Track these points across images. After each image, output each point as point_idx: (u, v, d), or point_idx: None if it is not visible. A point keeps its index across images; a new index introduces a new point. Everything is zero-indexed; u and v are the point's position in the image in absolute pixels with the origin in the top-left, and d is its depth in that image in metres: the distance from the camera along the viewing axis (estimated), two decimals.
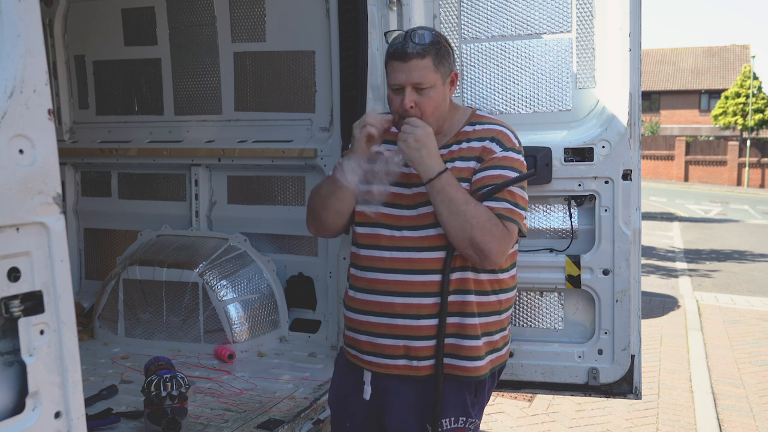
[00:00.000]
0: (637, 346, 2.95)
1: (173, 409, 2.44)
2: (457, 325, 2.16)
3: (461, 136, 2.22)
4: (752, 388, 5.83)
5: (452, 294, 2.14)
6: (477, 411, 2.26)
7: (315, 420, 2.74)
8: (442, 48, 2.14)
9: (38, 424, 1.35)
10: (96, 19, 4.18)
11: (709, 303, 9.07)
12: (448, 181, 2.08)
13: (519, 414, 5.10)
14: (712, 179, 35.71)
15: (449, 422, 2.20)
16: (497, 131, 2.21)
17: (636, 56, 2.82)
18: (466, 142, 2.20)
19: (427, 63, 2.09)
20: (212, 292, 3.53)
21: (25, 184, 1.32)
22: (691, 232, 17.16)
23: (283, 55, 3.79)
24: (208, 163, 3.97)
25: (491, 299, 2.22)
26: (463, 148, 2.20)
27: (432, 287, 2.14)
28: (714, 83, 44.30)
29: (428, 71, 2.09)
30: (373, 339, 2.22)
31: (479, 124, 2.24)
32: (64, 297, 1.40)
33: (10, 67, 1.29)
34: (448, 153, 2.19)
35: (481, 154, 2.17)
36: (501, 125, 2.25)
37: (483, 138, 2.20)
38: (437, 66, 2.11)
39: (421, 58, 2.08)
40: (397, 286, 2.16)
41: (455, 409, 2.20)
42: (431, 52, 2.09)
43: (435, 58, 2.10)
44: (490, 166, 2.15)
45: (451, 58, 2.18)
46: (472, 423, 2.24)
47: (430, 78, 2.10)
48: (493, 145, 2.18)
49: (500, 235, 2.10)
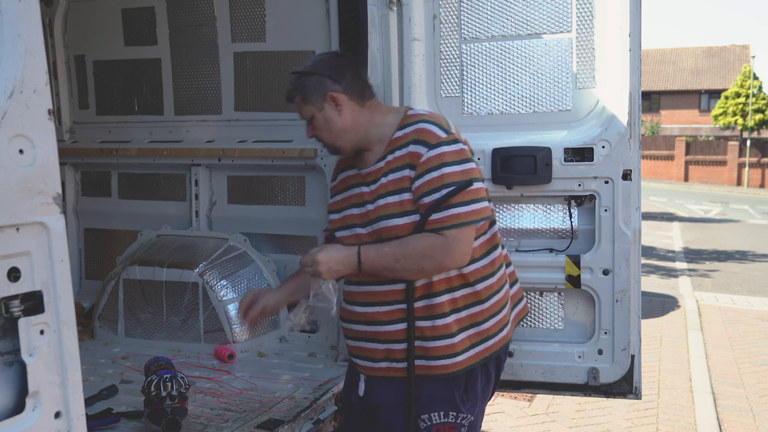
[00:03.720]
0: (637, 346, 2.95)
1: (173, 409, 2.44)
2: (427, 327, 2.24)
3: (392, 145, 2.25)
4: (752, 388, 5.83)
5: (418, 300, 2.23)
6: (470, 406, 2.29)
7: (315, 420, 2.74)
8: (308, 80, 2.26)
9: (38, 424, 1.35)
10: (96, 19, 4.18)
11: (709, 303, 9.07)
12: (370, 261, 2.20)
13: (519, 414, 5.10)
14: (712, 179, 35.71)
15: (438, 416, 2.26)
16: (418, 130, 2.21)
17: (636, 56, 2.82)
18: (397, 150, 2.23)
19: (298, 102, 2.28)
20: (212, 292, 3.53)
21: (25, 184, 1.32)
22: (691, 232, 17.16)
23: (283, 55, 3.79)
24: (208, 163, 3.97)
25: (465, 292, 2.25)
26: (394, 158, 2.23)
27: (398, 295, 2.25)
28: (714, 83, 44.29)
29: (301, 107, 2.29)
30: (358, 343, 2.37)
31: (407, 127, 2.25)
32: (64, 297, 1.40)
33: (10, 67, 1.30)
34: (385, 164, 2.24)
35: (410, 160, 2.19)
36: (423, 121, 2.24)
37: (407, 143, 2.21)
38: (304, 100, 2.27)
39: (292, 101, 2.30)
40: (366, 297, 2.30)
41: (444, 403, 2.26)
42: (296, 91, 2.28)
43: (301, 95, 2.27)
44: (424, 171, 2.16)
45: (323, 83, 2.24)
46: (464, 418, 2.27)
47: (306, 112, 2.28)
48: (417, 147, 2.18)
49: (443, 249, 2.15)
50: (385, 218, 2.21)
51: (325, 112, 2.25)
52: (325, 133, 2.28)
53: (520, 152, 2.94)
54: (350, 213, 2.33)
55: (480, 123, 3.05)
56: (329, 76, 2.25)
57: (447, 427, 2.26)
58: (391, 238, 2.20)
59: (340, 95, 2.24)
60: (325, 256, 2.22)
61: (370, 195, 2.26)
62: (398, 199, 2.19)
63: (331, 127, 2.26)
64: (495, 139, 2.98)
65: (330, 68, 2.27)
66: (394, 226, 2.19)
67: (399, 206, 2.19)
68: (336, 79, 2.25)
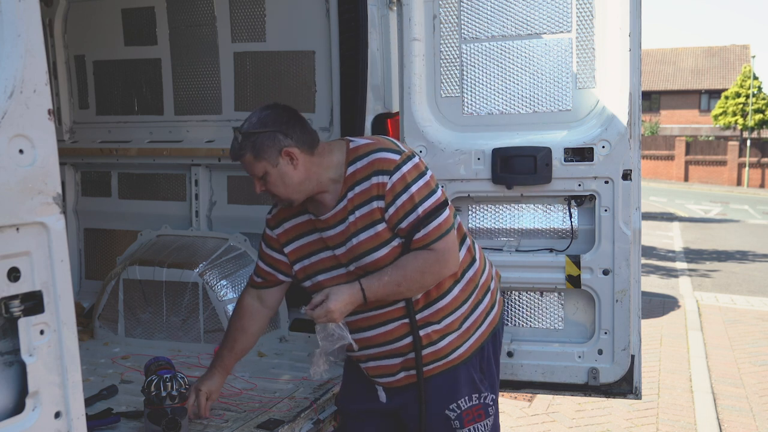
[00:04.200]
0: (637, 346, 2.95)
1: (173, 409, 2.44)
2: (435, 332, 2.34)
3: (349, 182, 2.26)
4: (752, 388, 5.83)
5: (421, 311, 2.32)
6: (488, 385, 2.42)
7: (315, 420, 2.74)
8: (259, 137, 2.20)
9: (38, 424, 1.36)
10: (96, 19, 4.18)
11: (709, 303, 9.07)
12: (374, 291, 2.23)
13: (519, 414, 5.10)
14: (712, 179, 35.70)
15: (465, 401, 2.37)
16: (374, 161, 2.24)
17: (636, 56, 2.82)
18: (357, 185, 2.25)
19: (249, 159, 2.22)
20: (212, 292, 3.53)
21: (25, 184, 1.32)
22: (691, 232, 17.16)
23: (283, 55, 3.79)
24: (208, 163, 3.97)
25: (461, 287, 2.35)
26: (356, 194, 2.24)
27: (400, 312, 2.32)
28: (714, 83, 44.29)
29: (252, 165, 2.22)
30: (374, 363, 2.43)
31: (357, 161, 2.26)
32: (64, 297, 1.40)
33: (10, 67, 1.30)
34: (348, 202, 2.25)
35: (377, 192, 2.22)
36: (374, 151, 2.26)
37: (367, 176, 2.23)
38: (257, 157, 2.21)
39: (243, 158, 2.23)
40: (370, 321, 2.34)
41: (467, 388, 2.37)
42: (246, 149, 2.21)
43: (252, 152, 2.21)
44: (393, 198, 2.21)
45: (276, 138, 2.21)
46: (486, 397, 2.40)
47: (258, 168, 2.22)
48: (380, 177, 2.22)
49: (438, 262, 2.24)
50: (366, 254, 2.25)
51: (280, 167, 2.22)
52: (280, 188, 2.24)
53: (520, 152, 2.94)
54: (319, 258, 2.35)
55: (480, 123, 3.05)
56: (280, 131, 2.22)
57: (474, 409, 2.38)
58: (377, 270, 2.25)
59: (294, 149, 2.22)
60: (336, 303, 2.21)
61: (341, 236, 2.28)
62: (372, 233, 2.23)
63: (287, 182, 2.23)
64: (495, 139, 2.98)
65: (279, 123, 2.23)
66: (378, 258, 2.24)
67: (375, 239, 2.23)
68: (287, 134, 2.23)
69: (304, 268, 2.41)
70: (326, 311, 2.20)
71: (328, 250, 2.32)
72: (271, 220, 2.48)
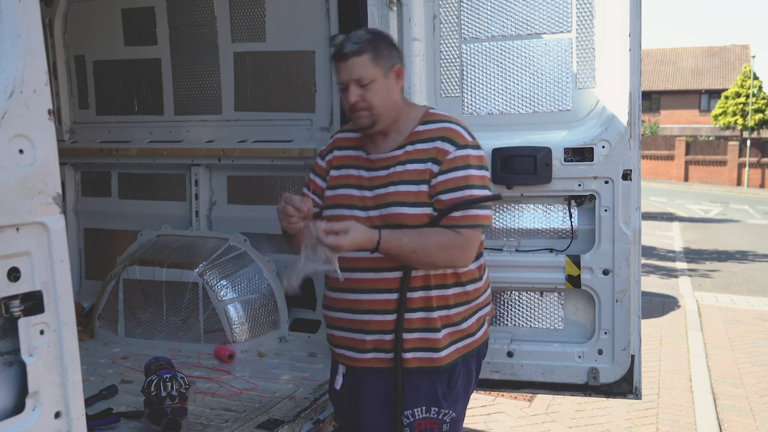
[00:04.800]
0: (637, 346, 2.95)
1: (173, 409, 2.44)
2: (423, 319, 2.25)
3: (413, 137, 2.27)
4: (752, 388, 5.83)
5: (416, 290, 2.24)
6: (451, 402, 2.31)
7: (315, 420, 2.74)
8: (381, 43, 2.22)
9: (38, 424, 1.35)
10: (96, 19, 4.18)
11: (709, 303, 9.06)
12: (387, 246, 2.14)
13: (519, 414, 5.10)
14: (712, 179, 35.69)
15: (420, 411, 2.27)
16: (447, 129, 2.26)
17: (636, 56, 2.82)
18: (419, 143, 2.25)
19: (364, 59, 2.17)
20: (212, 292, 3.53)
21: (25, 184, 1.32)
22: (691, 232, 17.15)
23: (283, 55, 3.79)
24: (208, 163, 3.97)
25: (456, 291, 2.29)
26: (416, 149, 2.25)
27: (395, 283, 2.23)
28: (714, 83, 44.27)
29: (366, 67, 2.17)
30: (346, 334, 2.33)
31: (430, 123, 2.29)
32: (64, 297, 1.40)
33: (10, 67, 1.30)
34: (404, 154, 2.25)
35: (436, 155, 2.22)
36: (450, 122, 2.29)
37: (433, 138, 2.24)
38: (375, 61, 2.18)
39: (358, 56, 2.17)
40: (362, 284, 2.25)
41: (426, 399, 2.27)
42: (368, 49, 2.17)
43: (372, 53, 2.18)
44: (450, 168, 2.20)
45: (392, 53, 2.24)
46: (446, 414, 2.29)
47: (370, 73, 2.18)
48: (445, 144, 2.22)
49: (459, 247, 2.20)
50: (397, 205, 2.21)
51: (389, 81, 2.22)
52: (377, 100, 2.20)
53: (520, 152, 2.94)
54: (347, 193, 2.31)
55: (480, 123, 3.04)
56: (396, 48, 2.26)
57: (429, 422, 2.28)
58: (397, 225, 2.18)
59: (402, 71, 2.25)
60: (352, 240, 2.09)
61: (380, 180, 2.25)
62: (415, 189, 2.20)
63: (388, 97, 2.22)
64: (495, 139, 2.98)
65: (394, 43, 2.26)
66: (404, 214, 2.19)
67: (414, 196, 2.20)
68: (400, 55, 2.26)
69: (332, 197, 2.36)
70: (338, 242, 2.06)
71: (361, 189, 2.28)
72: (323, 150, 2.46)
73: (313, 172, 2.46)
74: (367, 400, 2.33)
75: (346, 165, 2.36)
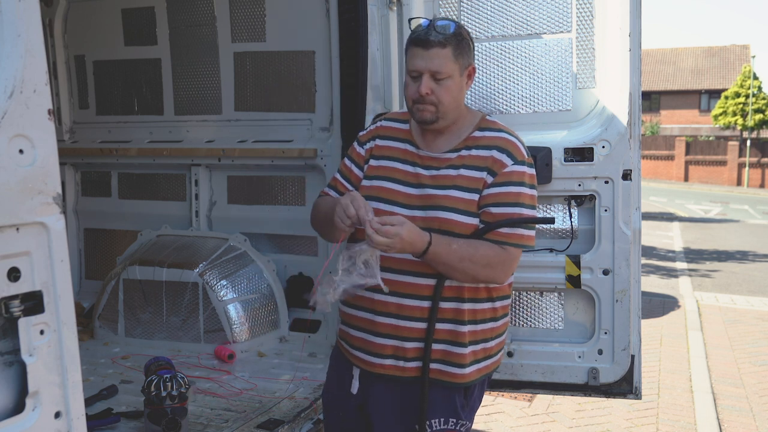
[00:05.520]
0: (637, 346, 2.95)
1: (173, 409, 2.44)
2: (450, 331, 2.17)
3: (470, 141, 2.20)
4: (752, 388, 5.83)
5: (448, 301, 2.15)
6: (467, 413, 2.27)
7: (315, 420, 2.74)
8: (464, 40, 2.14)
9: (38, 424, 1.35)
10: (96, 19, 4.18)
11: (709, 303, 9.06)
12: (437, 251, 2.05)
13: (519, 414, 5.10)
14: (712, 179, 35.70)
15: (438, 423, 2.21)
16: (506, 141, 2.19)
17: (636, 56, 2.82)
18: (475, 149, 2.18)
19: (447, 53, 2.09)
20: (212, 292, 3.53)
21: (25, 184, 1.32)
22: (691, 232, 17.15)
23: (283, 55, 3.79)
24: (208, 163, 3.97)
25: (485, 306, 2.22)
26: (471, 155, 2.17)
27: (428, 291, 2.14)
28: (714, 83, 44.27)
29: (447, 60, 2.09)
30: (365, 336, 2.23)
31: (488, 131, 2.22)
32: (64, 297, 1.40)
33: (10, 67, 1.30)
34: (457, 158, 2.18)
35: (492, 165, 2.15)
36: (509, 134, 2.22)
37: (491, 146, 2.17)
38: (456, 57, 2.11)
39: (442, 47, 2.08)
40: (392, 286, 2.13)
41: (445, 410, 2.21)
42: (452, 42, 2.09)
43: (455, 48, 2.10)
44: (504, 182, 2.14)
45: (471, 52, 2.17)
46: (462, 425, 2.24)
47: (449, 67, 2.10)
48: (503, 156, 2.16)
49: (503, 264, 2.14)
50: (447, 210, 2.12)
51: (462, 79, 2.15)
52: (447, 98, 2.12)
53: None
54: (390, 187, 2.19)
55: None
56: (473, 47, 2.19)
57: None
58: (441, 231, 2.09)
59: (474, 72, 2.20)
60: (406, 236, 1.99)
61: (429, 180, 2.17)
62: (467, 197, 2.13)
63: (456, 96, 2.15)
64: None
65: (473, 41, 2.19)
66: (453, 221, 2.11)
67: (465, 204, 2.13)
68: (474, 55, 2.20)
69: (371, 188, 2.22)
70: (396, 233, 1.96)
71: (406, 185, 2.18)
72: (362, 137, 2.34)
73: (350, 159, 2.33)
74: (379, 410, 2.25)
75: (391, 157, 2.25)
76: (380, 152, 2.28)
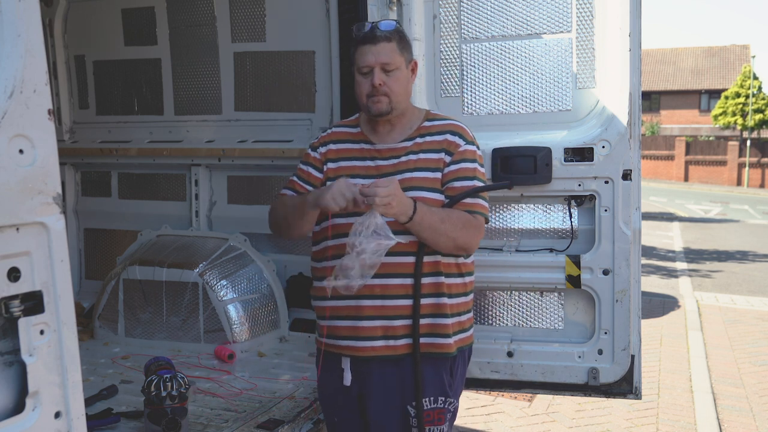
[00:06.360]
0: (637, 346, 2.95)
1: (173, 409, 2.44)
2: (434, 305, 2.31)
3: (422, 130, 2.38)
4: (752, 388, 5.83)
5: (428, 276, 2.29)
6: (454, 392, 2.38)
7: (315, 420, 2.74)
8: (405, 36, 2.36)
9: (38, 424, 1.35)
10: (96, 19, 4.18)
11: (709, 303, 9.06)
12: (422, 212, 2.19)
13: (519, 414, 5.10)
14: (712, 179, 35.69)
15: (429, 402, 2.31)
16: (455, 125, 2.41)
17: (636, 56, 2.82)
18: (429, 135, 2.37)
19: (393, 46, 2.28)
20: (212, 292, 3.53)
21: (25, 184, 1.32)
22: (691, 232, 17.15)
23: (283, 55, 3.79)
24: (208, 163, 3.97)
25: (458, 281, 2.37)
26: (427, 141, 2.36)
27: (409, 268, 2.27)
28: (714, 83, 44.27)
29: (394, 53, 2.28)
30: (352, 323, 2.31)
31: (437, 120, 2.43)
32: (64, 297, 1.40)
33: (10, 67, 1.30)
34: (414, 145, 2.35)
35: (448, 147, 2.35)
36: (456, 121, 2.45)
37: (443, 131, 2.38)
38: (401, 50, 2.31)
39: (388, 41, 2.28)
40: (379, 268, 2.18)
41: (434, 388, 2.31)
42: (396, 37, 2.30)
43: (399, 42, 2.30)
44: (461, 159, 2.34)
45: (411, 49, 2.38)
46: (451, 404, 2.35)
47: (397, 59, 2.29)
48: (455, 138, 2.36)
49: (475, 230, 2.30)
50: (415, 189, 2.27)
51: (408, 71, 2.35)
52: (396, 87, 2.30)
53: (520, 152, 2.95)
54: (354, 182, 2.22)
55: (480, 123, 3.04)
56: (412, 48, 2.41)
57: (437, 412, 2.31)
58: None
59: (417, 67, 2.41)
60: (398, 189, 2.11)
61: (388, 169, 2.32)
62: (431, 176, 2.31)
63: (404, 86, 2.33)
64: (495, 139, 2.98)
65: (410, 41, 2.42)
66: (424, 198, 2.25)
67: (431, 182, 2.31)
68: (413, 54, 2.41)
69: None
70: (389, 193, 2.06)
71: (369, 178, 2.27)
72: (315, 143, 2.50)
73: (306, 163, 2.47)
74: (377, 393, 2.32)
75: (348, 157, 2.41)
76: (336, 155, 2.42)
